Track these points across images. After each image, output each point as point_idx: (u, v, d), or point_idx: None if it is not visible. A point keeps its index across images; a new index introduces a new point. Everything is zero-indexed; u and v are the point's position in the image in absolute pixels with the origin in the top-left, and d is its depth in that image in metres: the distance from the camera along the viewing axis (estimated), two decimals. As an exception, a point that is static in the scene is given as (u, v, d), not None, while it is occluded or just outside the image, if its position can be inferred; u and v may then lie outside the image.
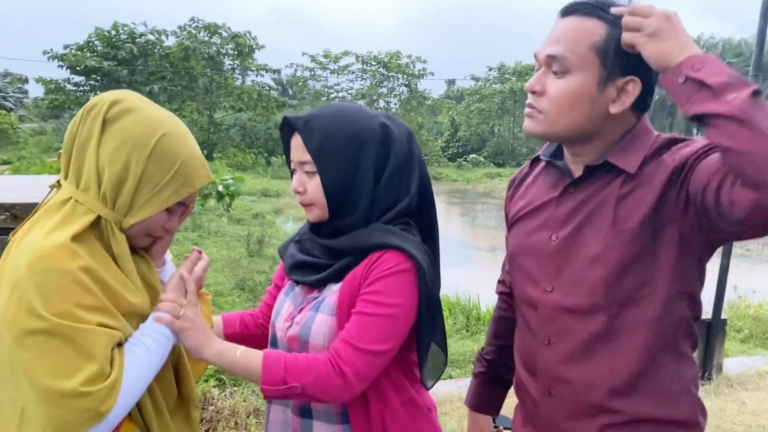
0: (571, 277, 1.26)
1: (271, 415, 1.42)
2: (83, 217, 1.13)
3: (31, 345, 1.05)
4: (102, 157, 1.15)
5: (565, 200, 1.29)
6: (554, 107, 1.22)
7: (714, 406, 3.91)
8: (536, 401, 1.34)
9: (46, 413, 1.05)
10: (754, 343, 5.61)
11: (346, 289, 1.29)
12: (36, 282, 1.04)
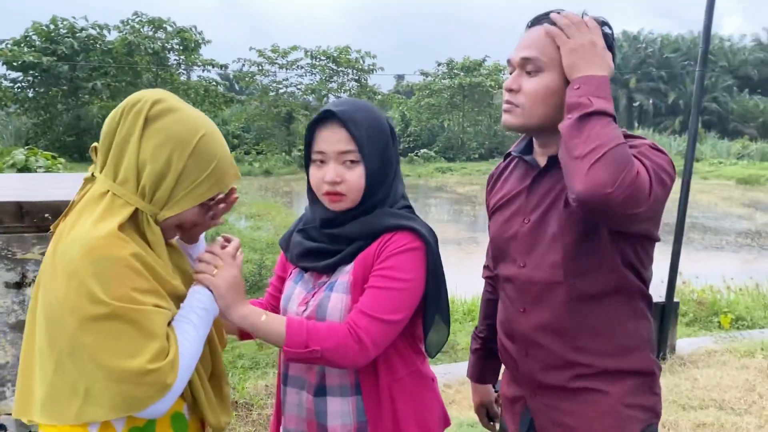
0: (538, 254, 1.47)
1: (288, 396, 1.49)
2: (122, 209, 1.21)
3: (95, 330, 1.12)
4: (143, 153, 1.22)
5: (533, 189, 1.51)
6: (530, 101, 1.42)
7: (669, 383, 4.08)
8: (516, 361, 1.57)
9: (116, 392, 1.13)
10: (699, 326, 5.86)
11: (359, 267, 1.41)
12: (93, 270, 1.11)
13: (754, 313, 6.00)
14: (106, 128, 1.25)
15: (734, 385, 4.14)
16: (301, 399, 1.47)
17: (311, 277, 1.49)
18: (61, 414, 1.17)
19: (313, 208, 1.50)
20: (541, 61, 1.40)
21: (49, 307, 1.15)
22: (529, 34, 1.44)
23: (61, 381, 1.17)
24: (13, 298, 2.78)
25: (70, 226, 1.19)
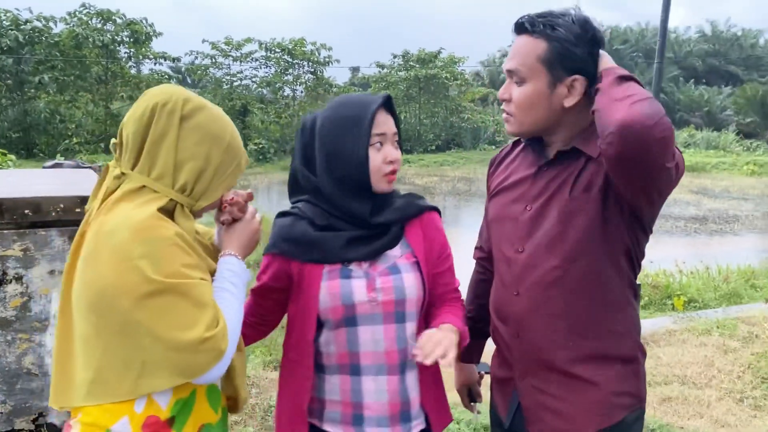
0: (536, 241, 1.53)
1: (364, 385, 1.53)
2: (158, 200, 1.28)
3: (151, 306, 1.19)
4: (182, 151, 1.30)
5: (538, 178, 1.57)
6: (519, 110, 1.52)
7: (634, 362, 4.26)
8: (508, 343, 1.63)
9: (176, 362, 1.21)
10: (654, 309, 6.11)
11: (419, 249, 1.57)
12: (143, 251, 1.18)
13: (704, 294, 6.28)
14: (135, 126, 1.30)
15: (694, 361, 4.37)
16: (380, 385, 1.52)
17: (358, 267, 1.53)
18: (112, 392, 1.23)
19: (346, 202, 1.52)
20: (522, 72, 1.49)
21: (96, 292, 1.20)
22: (514, 45, 1.53)
23: (111, 360, 1.22)
24: (-7, 296, 2.75)
25: (106, 218, 1.25)
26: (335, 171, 1.51)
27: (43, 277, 2.83)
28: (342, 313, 1.50)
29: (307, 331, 1.52)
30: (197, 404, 1.35)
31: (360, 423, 1.54)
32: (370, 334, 1.52)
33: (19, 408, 2.88)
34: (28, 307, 2.83)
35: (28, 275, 2.81)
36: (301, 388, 1.55)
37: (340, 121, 1.51)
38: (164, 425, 1.29)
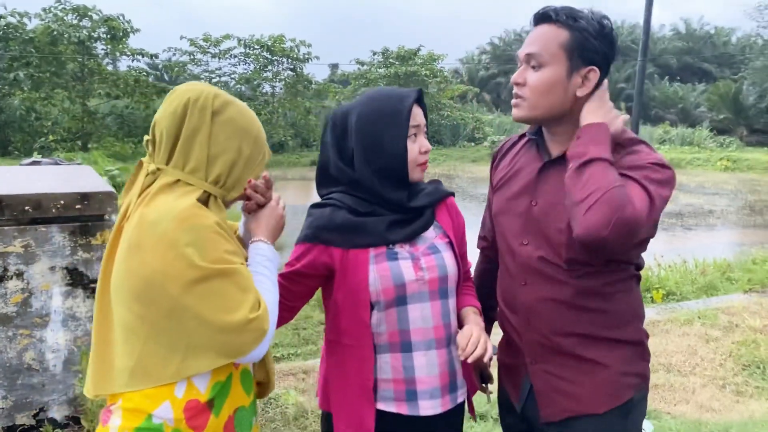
0: (541, 235, 1.60)
1: (415, 360, 1.61)
2: (194, 192, 1.33)
3: (198, 292, 1.24)
4: (215, 145, 1.35)
5: (543, 175, 1.62)
6: (534, 94, 1.55)
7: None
8: (518, 331, 1.69)
9: (221, 343, 1.27)
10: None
11: (449, 230, 1.70)
12: (188, 239, 1.24)
13: (682, 287, 6.43)
14: (169, 123, 1.34)
15: (678, 350, 4.49)
16: (431, 359, 1.61)
17: (402, 249, 1.61)
18: (156, 376, 1.27)
19: (386, 191, 1.60)
20: (543, 56, 1.52)
21: (142, 280, 1.24)
22: (533, 32, 1.58)
23: (154, 347, 1.27)
24: (-6, 292, 2.77)
25: (147, 210, 1.29)
26: (374, 163, 1.58)
27: (43, 273, 2.85)
28: (393, 293, 1.57)
29: (362, 314, 1.58)
30: (233, 388, 1.40)
31: (413, 398, 1.61)
32: (419, 312, 1.59)
33: (20, 403, 2.89)
34: (28, 303, 2.85)
35: (29, 271, 2.83)
36: (364, 370, 1.60)
37: (378, 115, 1.58)
38: (204, 408, 1.33)
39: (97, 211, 2.93)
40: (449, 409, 1.66)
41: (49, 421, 2.94)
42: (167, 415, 1.30)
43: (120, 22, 27.91)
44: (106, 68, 28.99)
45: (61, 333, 2.93)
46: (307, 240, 1.60)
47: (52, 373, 2.94)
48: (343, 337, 1.62)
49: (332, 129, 1.65)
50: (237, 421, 1.41)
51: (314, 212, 1.63)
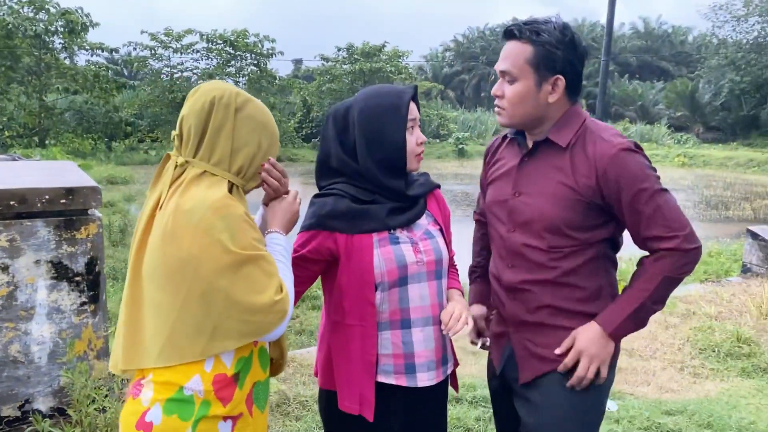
0: (526, 223, 1.79)
1: (414, 336, 1.75)
2: (221, 183, 1.44)
3: (230, 275, 1.35)
4: (237, 139, 1.48)
5: (522, 168, 1.82)
6: (511, 104, 1.75)
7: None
8: (504, 304, 1.89)
9: (249, 322, 1.39)
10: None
11: (439, 218, 1.87)
12: (222, 226, 1.35)
13: (644, 279, 6.69)
14: (195, 120, 1.46)
15: (639, 336, 4.72)
16: (428, 335, 1.75)
17: (401, 234, 1.75)
18: (184, 353, 1.38)
19: (386, 180, 1.73)
20: (513, 72, 1.72)
21: (177, 264, 1.35)
22: (504, 48, 1.75)
23: (184, 326, 1.37)
24: (-19, 285, 2.79)
25: (182, 200, 1.40)
26: (376, 154, 1.72)
27: (29, 267, 2.89)
28: (396, 274, 1.71)
29: (368, 293, 1.70)
30: (253, 364, 1.53)
31: (412, 371, 1.75)
32: (418, 291, 1.74)
33: (5, 395, 2.92)
34: (14, 296, 2.88)
35: (15, 265, 2.86)
36: (368, 346, 1.73)
37: (379, 110, 1.72)
38: (230, 381, 1.46)
39: (81, 205, 2.97)
40: (440, 380, 1.82)
41: (35, 413, 2.97)
42: (198, 387, 1.42)
43: (78, 15, 27.29)
44: (64, 63, 28.31)
45: (46, 326, 2.96)
46: (312, 227, 1.71)
47: (37, 365, 2.97)
48: (347, 317, 1.74)
49: (334, 124, 1.77)
50: (255, 394, 1.55)
51: (317, 201, 1.75)
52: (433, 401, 1.85)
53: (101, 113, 29.01)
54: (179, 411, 1.42)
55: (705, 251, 8.67)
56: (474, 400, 3.48)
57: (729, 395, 3.76)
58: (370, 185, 1.73)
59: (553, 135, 1.74)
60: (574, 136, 1.72)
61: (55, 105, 28.22)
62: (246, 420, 1.52)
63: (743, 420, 3.36)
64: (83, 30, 27.66)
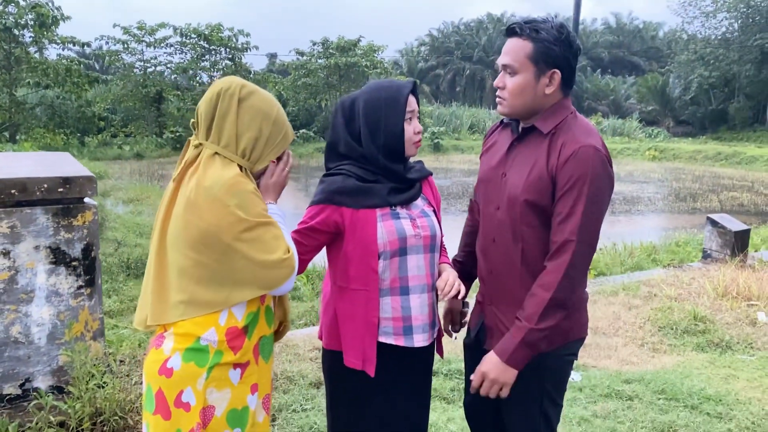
0: (508, 202, 1.97)
1: (411, 302, 1.99)
2: (231, 163, 1.68)
3: (246, 238, 1.62)
4: (240, 125, 1.71)
5: (511, 151, 2.02)
6: (511, 95, 1.94)
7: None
8: (484, 278, 2.11)
9: (263, 277, 1.65)
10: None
11: (431, 200, 2.12)
12: (237, 200, 1.61)
13: (612, 269, 7.03)
14: (205, 108, 1.71)
15: (604, 316, 5.02)
16: (423, 300, 2.00)
17: (401, 210, 1.98)
18: (207, 305, 1.63)
19: (387, 163, 1.96)
20: (514, 66, 1.90)
21: (200, 232, 1.60)
22: (506, 44, 1.95)
23: (206, 283, 1.62)
24: (-17, 269, 2.95)
25: (197, 176, 1.64)
26: (378, 140, 1.95)
27: (29, 252, 3.05)
28: (397, 245, 1.94)
29: (371, 262, 1.93)
30: (260, 319, 1.77)
31: (410, 332, 2.00)
32: (415, 262, 1.98)
33: (6, 374, 3.09)
34: (15, 280, 3.04)
35: (15, 250, 3.02)
36: (371, 309, 1.96)
37: (380, 102, 1.96)
38: (241, 332, 1.71)
39: (77, 194, 3.14)
40: (430, 342, 2.07)
41: (35, 391, 3.14)
42: (212, 338, 1.67)
43: (49, 8, 26.94)
44: (35, 57, 27.93)
45: (45, 308, 3.13)
46: (321, 202, 1.95)
47: (37, 345, 3.14)
48: (352, 283, 1.97)
49: (342, 113, 2.01)
50: (261, 346, 1.80)
51: (326, 180, 1.99)
52: (423, 361, 2.10)
53: (73, 108, 28.68)
54: (196, 358, 1.66)
55: (672, 242, 9.07)
56: (449, 372, 3.74)
57: (684, 367, 4.06)
58: (373, 167, 1.97)
59: (539, 123, 1.95)
60: (555, 127, 1.92)
61: (25, 100, 27.84)
62: (253, 368, 1.77)
63: (694, 387, 3.66)
64: (54, 23, 27.29)
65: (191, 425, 1.66)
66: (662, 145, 30.29)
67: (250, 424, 1.76)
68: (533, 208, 1.91)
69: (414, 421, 2.11)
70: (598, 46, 50.26)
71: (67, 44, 28.10)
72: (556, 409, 2.06)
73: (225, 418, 1.71)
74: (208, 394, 1.68)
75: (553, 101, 1.95)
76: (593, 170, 1.83)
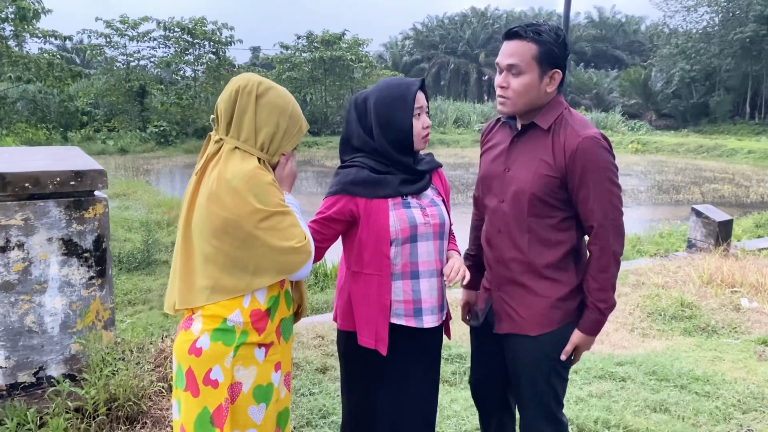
0: (512, 194, 2.09)
1: (421, 285, 2.10)
2: (251, 156, 1.78)
3: (264, 226, 1.71)
4: (258, 121, 1.81)
5: (513, 146, 2.15)
6: (516, 94, 2.05)
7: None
8: (491, 264, 2.24)
9: (281, 262, 1.74)
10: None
11: (441, 191, 2.23)
12: (255, 191, 1.71)
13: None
14: (225, 105, 1.80)
15: (595, 304, 5.17)
16: (432, 284, 2.11)
17: (412, 200, 2.09)
18: (231, 290, 1.73)
19: (398, 156, 2.08)
20: (521, 66, 2.02)
21: (222, 221, 1.69)
22: (509, 45, 2.06)
23: (230, 269, 1.72)
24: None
25: (218, 169, 1.73)
26: (388, 135, 2.07)
27: (42, 244, 3.13)
28: (408, 232, 2.06)
29: (384, 248, 2.05)
30: (280, 302, 1.88)
31: (420, 314, 2.12)
32: (425, 248, 2.10)
33: (21, 363, 3.17)
34: (29, 271, 3.12)
35: (29, 242, 3.10)
36: (383, 292, 2.08)
37: (391, 99, 2.07)
38: (264, 315, 1.82)
39: (89, 187, 3.22)
40: (439, 324, 2.19)
41: (48, 379, 3.22)
42: (238, 320, 1.77)
43: (30, 2, 26.65)
44: (15, 50, 27.60)
45: (58, 298, 3.21)
46: (337, 193, 2.07)
47: (50, 335, 3.22)
48: (366, 267, 2.09)
49: (355, 109, 2.14)
50: (282, 327, 1.91)
51: (341, 172, 2.11)
52: (431, 341, 2.22)
53: (56, 102, 28.42)
54: (223, 338, 1.77)
55: (656, 232, 9.28)
56: (450, 357, 3.88)
57: (672, 350, 4.24)
58: (385, 160, 2.09)
59: (539, 119, 2.08)
60: (554, 122, 2.06)
61: (6, 94, 27.55)
62: (276, 347, 1.88)
63: (683, 368, 3.83)
64: (35, 17, 27.00)
65: (219, 401, 1.77)
66: (645, 138, 30.69)
67: (274, 400, 1.88)
68: (539, 200, 2.05)
69: (425, 403, 2.23)
70: (581, 39, 50.58)
71: (48, 38, 27.82)
72: (563, 383, 2.20)
73: (251, 393, 1.82)
74: (235, 372, 1.78)
75: (550, 98, 2.08)
76: (597, 158, 1.99)
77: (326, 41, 34.03)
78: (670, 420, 3.24)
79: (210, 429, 1.77)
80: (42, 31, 27.41)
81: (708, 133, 32.77)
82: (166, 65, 31.79)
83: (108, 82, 30.47)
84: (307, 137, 31.19)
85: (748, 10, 33.01)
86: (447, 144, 30.25)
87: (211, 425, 1.77)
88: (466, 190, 16.01)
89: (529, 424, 2.20)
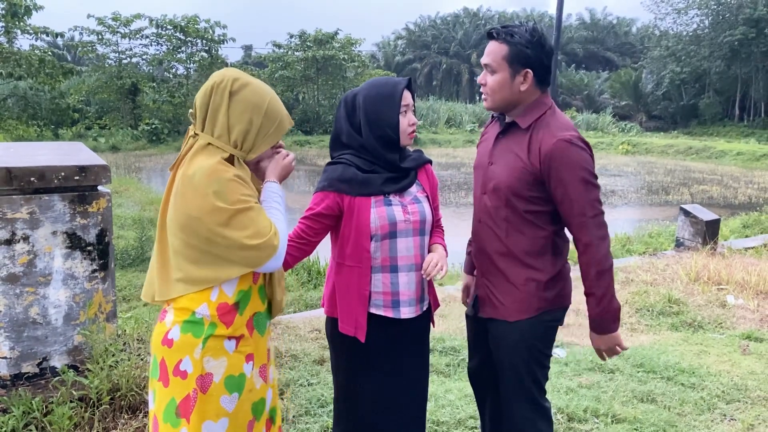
0: (492, 188, 2.21)
1: (400, 279, 2.19)
2: (220, 153, 1.80)
3: (227, 224, 1.74)
4: (232, 117, 1.82)
5: (497, 142, 2.26)
6: (492, 91, 2.19)
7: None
8: (475, 253, 2.34)
9: (245, 257, 1.78)
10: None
11: (427, 187, 2.30)
12: (215, 187, 1.73)
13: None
14: (201, 101, 1.83)
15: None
16: (411, 278, 2.20)
17: (394, 198, 2.18)
18: (202, 281, 1.79)
19: (384, 153, 2.15)
20: (493, 66, 2.16)
21: (186, 218, 1.74)
22: (488, 45, 2.20)
23: (197, 263, 1.78)
24: (4, 254, 3.12)
25: (188, 166, 1.78)
26: (376, 131, 2.15)
27: (46, 237, 3.20)
28: (387, 229, 2.14)
29: (364, 243, 2.14)
30: (252, 297, 1.91)
31: (397, 306, 2.21)
32: (405, 244, 2.18)
33: (25, 353, 3.24)
34: (33, 263, 3.19)
35: (34, 235, 3.16)
36: (363, 284, 2.17)
37: (379, 96, 2.16)
38: (232, 308, 1.85)
39: (92, 182, 3.29)
40: (419, 314, 2.27)
41: (51, 369, 3.29)
42: (205, 312, 1.82)
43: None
44: (6, 47, 27.47)
45: (61, 290, 3.28)
46: (325, 189, 2.16)
47: (54, 326, 3.29)
48: (348, 260, 2.19)
49: (344, 107, 2.22)
50: (255, 321, 1.95)
51: (329, 168, 2.19)
52: (412, 330, 2.29)
53: (47, 99, 28.30)
54: (192, 330, 1.81)
55: (645, 232, 9.42)
56: (443, 349, 3.99)
57: (660, 344, 4.35)
58: (371, 157, 2.17)
59: (519, 119, 2.18)
60: (534, 122, 2.15)
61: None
62: (248, 340, 1.90)
63: (670, 361, 3.94)
64: (26, 13, 26.88)
65: (187, 392, 1.81)
66: (635, 139, 30.93)
67: (247, 389, 1.90)
68: (515, 195, 2.16)
69: (413, 387, 2.32)
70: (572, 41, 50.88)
71: (39, 35, 27.70)
72: (543, 370, 2.29)
73: (223, 383, 1.84)
74: (205, 363, 1.81)
75: (533, 97, 2.18)
76: (570, 158, 2.07)
77: (319, 40, 34.08)
78: (657, 409, 3.35)
79: (175, 420, 1.81)
80: (33, 27, 27.30)
81: (697, 135, 33.08)
82: (158, 63, 31.74)
83: (99, 79, 30.38)
84: (300, 136, 31.30)
85: (738, 13, 33.37)
86: (439, 144, 30.37)
87: (176, 416, 1.81)
88: (457, 190, 16.13)
89: (512, 408, 2.30)
